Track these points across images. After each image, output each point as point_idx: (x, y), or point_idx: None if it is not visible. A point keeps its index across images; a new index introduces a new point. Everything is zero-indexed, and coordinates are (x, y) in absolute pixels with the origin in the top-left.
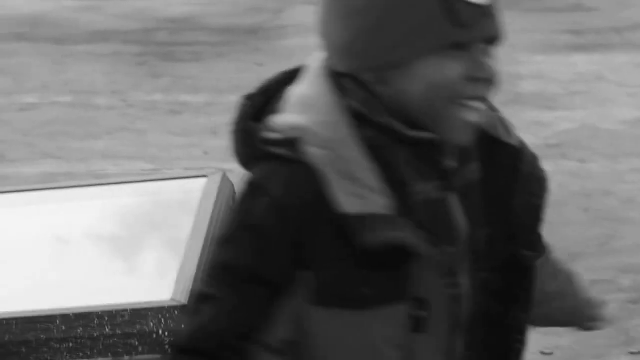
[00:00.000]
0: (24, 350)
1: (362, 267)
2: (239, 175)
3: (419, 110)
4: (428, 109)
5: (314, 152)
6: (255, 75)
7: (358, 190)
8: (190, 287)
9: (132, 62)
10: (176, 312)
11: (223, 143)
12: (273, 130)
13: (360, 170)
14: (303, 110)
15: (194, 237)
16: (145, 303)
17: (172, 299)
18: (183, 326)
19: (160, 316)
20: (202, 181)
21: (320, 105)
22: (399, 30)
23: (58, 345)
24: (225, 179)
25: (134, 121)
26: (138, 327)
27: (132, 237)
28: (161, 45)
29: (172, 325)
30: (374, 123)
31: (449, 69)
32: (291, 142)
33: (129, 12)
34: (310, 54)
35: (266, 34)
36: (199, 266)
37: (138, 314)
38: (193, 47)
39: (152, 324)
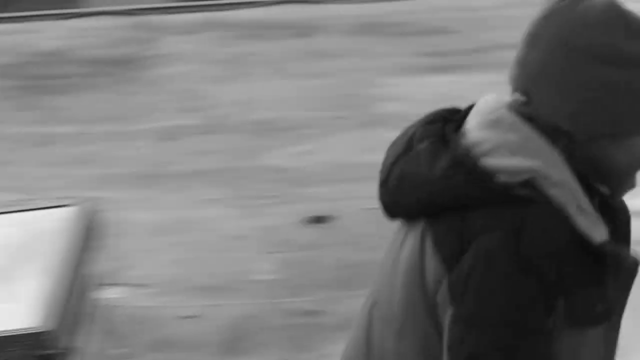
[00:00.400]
0: None
1: (600, 286)
2: (106, 203)
3: (613, 175)
4: (623, 177)
5: (555, 191)
6: (126, 104)
7: (594, 221)
8: (60, 312)
9: (2, 95)
10: (44, 338)
11: (92, 172)
12: (505, 173)
13: (587, 204)
14: (528, 154)
15: (62, 265)
16: (14, 330)
17: (41, 326)
18: None
19: (29, 342)
20: (70, 210)
21: (543, 151)
22: (631, 107)
23: None
24: (93, 207)
25: (5, 153)
26: (8, 353)
27: (0, 266)
28: (32, 79)
29: (41, 351)
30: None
31: None
32: (530, 184)
33: None
34: (177, 81)
35: (137, 64)
36: (68, 292)
37: (6, 341)
38: (64, 79)
39: (21, 350)
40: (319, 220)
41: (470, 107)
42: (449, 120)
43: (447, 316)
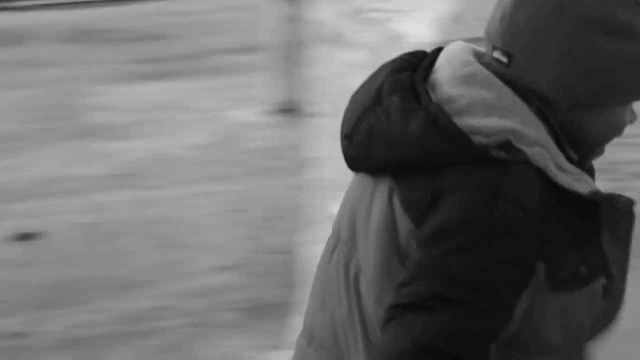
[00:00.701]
0: None
1: (588, 247)
2: None
3: (586, 142)
4: (595, 145)
5: (531, 151)
6: None
7: (577, 177)
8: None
9: None
10: None
11: None
12: (480, 134)
13: (566, 163)
14: (503, 114)
15: None
16: None
17: None
18: (410, 324)
19: None
20: None
21: (519, 110)
22: (617, 79)
23: None
24: None
25: None
26: None
27: None
28: None
29: None
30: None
31: (626, 116)
32: (508, 144)
33: None
34: None
35: None
36: None
37: None
38: None
39: None
40: (25, 237)
41: (436, 52)
42: (416, 67)
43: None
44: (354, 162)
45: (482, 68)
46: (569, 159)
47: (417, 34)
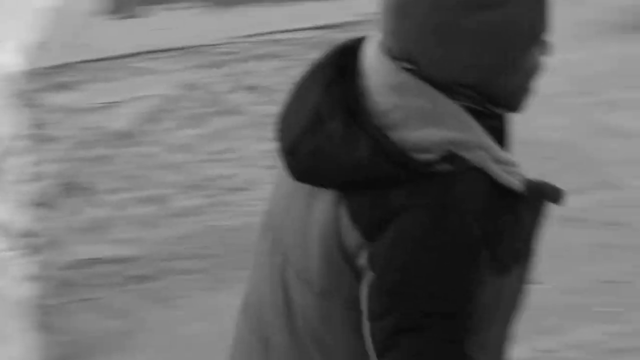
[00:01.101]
0: None
1: (519, 224)
2: None
3: (511, 98)
4: (525, 92)
5: (473, 156)
6: None
7: (511, 170)
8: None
9: None
10: None
11: None
12: (422, 150)
13: (501, 153)
14: (439, 123)
15: None
16: None
17: None
18: (408, 347)
19: None
20: None
21: (453, 114)
22: (514, 40)
23: None
24: None
25: None
26: None
27: None
28: None
29: None
30: (486, 117)
31: (538, 55)
32: (451, 156)
33: None
34: None
35: None
36: None
37: None
38: None
39: None
40: None
41: (356, 43)
42: (343, 68)
43: (366, 282)
44: (297, 176)
45: (408, 76)
46: (496, 118)
47: (4, 63)
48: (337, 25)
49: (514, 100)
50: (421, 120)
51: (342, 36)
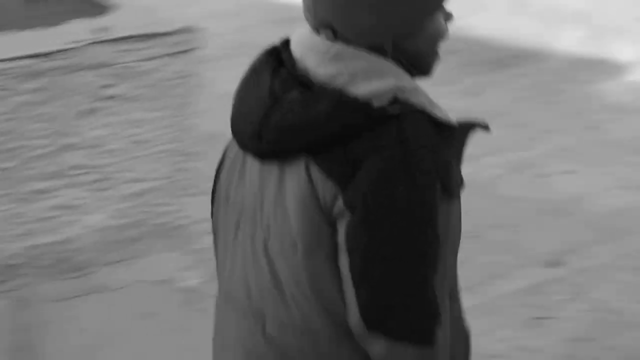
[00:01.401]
0: None
1: (457, 159)
2: None
3: (426, 59)
4: (433, 55)
5: (415, 100)
6: None
7: (442, 109)
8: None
9: None
10: None
11: None
12: (374, 98)
13: (431, 98)
14: (380, 75)
15: None
16: None
17: None
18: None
19: None
20: None
21: (387, 67)
22: (419, 8)
23: None
24: None
25: None
26: None
27: None
28: None
29: None
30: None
31: (442, 19)
32: (395, 100)
33: None
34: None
35: None
36: None
37: None
38: None
39: None
40: None
41: (285, 45)
42: (281, 61)
43: (344, 225)
44: (264, 156)
45: (342, 45)
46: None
47: None
48: (47, 54)
49: (424, 62)
50: (365, 76)
51: (54, 64)
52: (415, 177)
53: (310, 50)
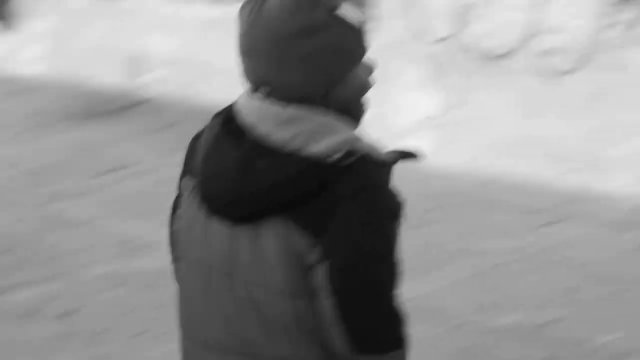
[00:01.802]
0: None
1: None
2: None
3: (355, 109)
4: (361, 106)
5: (362, 147)
6: None
7: (380, 149)
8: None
9: None
10: None
11: None
12: (332, 153)
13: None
14: (330, 131)
15: None
16: None
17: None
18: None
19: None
20: None
21: (333, 122)
22: (342, 61)
23: None
24: None
25: None
26: None
27: None
28: None
29: None
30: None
31: (365, 71)
32: (352, 151)
33: None
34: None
35: None
36: None
37: None
38: None
39: None
40: None
41: (228, 113)
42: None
43: (321, 272)
44: (242, 220)
45: (288, 109)
46: None
47: None
48: None
49: (351, 113)
50: (319, 135)
51: None
52: (383, 218)
53: (264, 118)
